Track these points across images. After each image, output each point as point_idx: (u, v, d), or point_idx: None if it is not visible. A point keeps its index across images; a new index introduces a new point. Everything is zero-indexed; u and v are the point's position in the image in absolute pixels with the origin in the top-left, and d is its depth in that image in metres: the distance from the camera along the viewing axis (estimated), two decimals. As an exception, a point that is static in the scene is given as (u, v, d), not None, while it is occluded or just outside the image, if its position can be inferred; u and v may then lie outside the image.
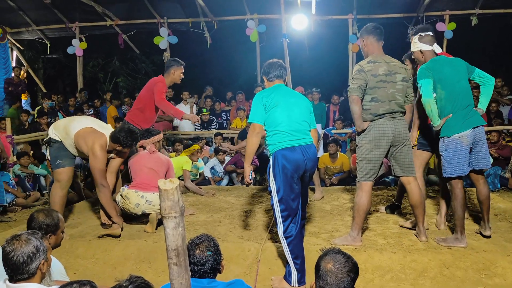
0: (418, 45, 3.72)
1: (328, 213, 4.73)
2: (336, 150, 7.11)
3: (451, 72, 3.56)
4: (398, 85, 3.61)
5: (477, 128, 3.53)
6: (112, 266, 3.64)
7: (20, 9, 9.90)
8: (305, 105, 3.44)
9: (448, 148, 3.55)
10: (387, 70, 3.58)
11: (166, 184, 1.62)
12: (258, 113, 3.30)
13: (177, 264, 1.64)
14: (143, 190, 4.26)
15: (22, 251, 2.06)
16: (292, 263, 3.20)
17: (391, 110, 3.58)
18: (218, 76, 14.30)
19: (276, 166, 3.22)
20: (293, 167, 3.19)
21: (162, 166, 4.52)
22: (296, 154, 3.21)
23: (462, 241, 3.56)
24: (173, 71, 5.06)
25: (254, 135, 3.30)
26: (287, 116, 3.27)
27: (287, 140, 3.24)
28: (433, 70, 3.54)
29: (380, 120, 3.59)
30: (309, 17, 9.25)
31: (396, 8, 9.24)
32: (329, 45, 11.64)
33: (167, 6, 9.76)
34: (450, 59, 3.70)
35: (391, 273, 3.33)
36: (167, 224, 1.61)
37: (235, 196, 5.69)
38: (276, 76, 3.48)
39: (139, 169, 4.43)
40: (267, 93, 3.36)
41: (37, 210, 2.80)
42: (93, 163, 4.05)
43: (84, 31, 10.54)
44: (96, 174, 4.07)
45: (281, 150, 3.23)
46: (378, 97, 3.56)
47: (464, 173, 3.54)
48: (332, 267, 1.91)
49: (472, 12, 8.98)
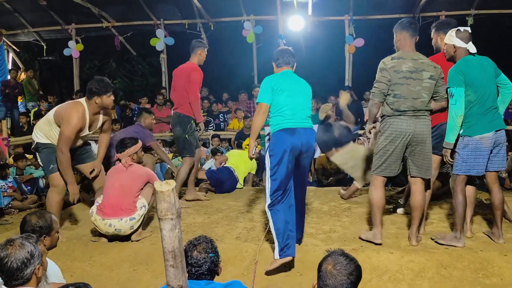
0: (453, 39, 3.57)
1: (325, 214, 4.73)
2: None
3: (481, 75, 3.50)
4: (424, 83, 3.54)
5: (499, 131, 3.51)
6: (109, 268, 3.63)
7: (16, 11, 9.89)
8: (309, 92, 3.66)
9: (467, 147, 3.50)
10: (413, 67, 3.52)
11: (162, 186, 1.62)
12: (266, 95, 3.49)
13: (174, 266, 1.63)
14: (110, 216, 3.93)
15: (16, 256, 2.02)
16: (275, 235, 3.35)
17: (413, 108, 3.53)
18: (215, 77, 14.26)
19: (274, 144, 3.42)
20: (290, 147, 3.37)
21: (138, 180, 4.14)
22: (295, 136, 3.40)
23: (460, 241, 3.55)
24: (199, 52, 5.17)
25: (260, 114, 3.51)
26: (291, 102, 3.46)
27: (287, 122, 3.43)
28: (464, 74, 3.45)
29: (400, 117, 3.54)
30: (305, 18, 9.27)
31: (392, 9, 9.26)
32: (326, 46, 11.64)
33: (164, 8, 9.77)
34: (481, 60, 3.58)
35: (389, 273, 3.33)
36: (163, 226, 1.60)
37: (232, 197, 5.69)
38: (284, 62, 3.67)
39: (110, 186, 4.10)
40: (276, 77, 3.57)
41: (30, 213, 2.78)
42: (63, 128, 3.90)
43: (81, 33, 10.53)
44: (61, 139, 3.90)
45: (281, 131, 3.42)
46: (401, 94, 3.51)
47: (478, 174, 3.54)
48: (332, 269, 1.90)
49: (467, 12, 9.02)
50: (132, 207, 4.01)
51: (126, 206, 3.98)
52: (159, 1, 9.52)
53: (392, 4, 9.08)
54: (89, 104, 4.05)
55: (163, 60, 10.54)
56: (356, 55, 9.58)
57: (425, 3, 8.64)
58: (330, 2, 9.05)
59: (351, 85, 9.49)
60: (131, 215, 3.97)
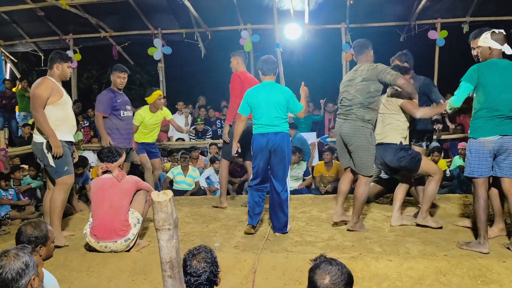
0: (488, 41, 3.54)
1: (324, 222, 4.72)
2: (331, 158, 7.12)
3: (500, 80, 3.46)
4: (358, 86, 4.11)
5: (506, 137, 3.46)
6: (107, 278, 3.61)
7: (13, 22, 9.92)
8: (281, 101, 4.28)
9: (471, 149, 3.58)
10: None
11: (160, 196, 1.62)
12: (244, 108, 4.43)
13: (172, 276, 1.63)
14: (104, 240, 3.85)
15: (10, 267, 2.00)
16: (248, 208, 4.42)
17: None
18: (212, 86, 14.30)
19: (252, 144, 4.40)
20: (260, 147, 4.29)
21: (126, 195, 3.97)
22: (264, 138, 4.27)
23: (484, 246, 3.52)
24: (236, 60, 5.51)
25: (239, 122, 4.52)
26: (262, 115, 4.29)
27: (260, 128, 4.32)
28: (481, 75, 3.48)
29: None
30: (302, 27, 9.33)
31: (388, 17, 9.35)
32: (322, 54, 11.70)
33: (161, 17, 9.82)
34: (507, 65, 3.52)
35: (388, 281, 3.32)
36: (161, 237, 1.60)
37: (231, 206, 5.67)
38: (269, 71, 4.40)
39: (99, 206, 3.92)
40: (253, 94, 4.37)
41: (24, 223, 2.76)
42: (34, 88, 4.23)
43: (78, 43, 10.57)
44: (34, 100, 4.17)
45: (257, 135, 4.34)
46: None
47: (481, 176, 3.55)
48: (329, 283, 1.83)
49: (463, 20, 9.10)
50: (125, 227, 3.87)
51: (118, 227, 3.85)
52: (157, 11, 9.57)
53: (388, 12, 9.16)
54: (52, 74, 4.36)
55: (160, 69, 10.57)
56: (353, 63, 9.62)
57: (421, 11, 8.70)
58: (326, 11, 9.11)
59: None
60: (126, 236, 3.86)
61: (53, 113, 4.24)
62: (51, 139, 4.16)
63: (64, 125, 4.34)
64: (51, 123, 4.20)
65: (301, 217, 4.94)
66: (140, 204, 4.07)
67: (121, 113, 5.36)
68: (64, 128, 4.33)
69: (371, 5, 8.90)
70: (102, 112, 5.29)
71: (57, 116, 4.26)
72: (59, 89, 4.32)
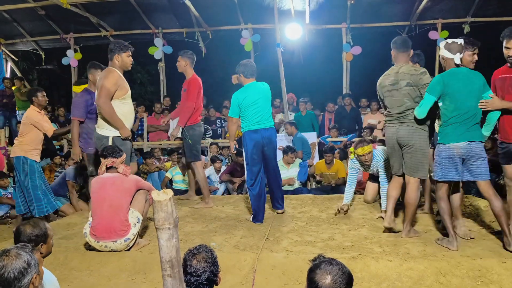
0: (442, 50, 3.79)
1: (324, 222, 4.72)
2: (332, 158, 7.12)
3: (464, 88, 3.61)
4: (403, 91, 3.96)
5: (474, 143, 3.60)
6: (107, 277, 3.61)
7: (14, 21, 9.92)
8: (268, 98, 4.80)
9: (441, 154, 3.72)
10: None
11: (160, 195, 1.62)
12: (235, 110, 4.77)
13: (172, 275, 1.63)
14: (103, 239, 3.84)
15: (13, 266, 2.00)
16: (252, 206, 4.74)
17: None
18: (212, 86, 14.33)
19: (244, 142, 4.73)
20: (254, 142, 4.67)
21: (126, 194, 3.96)
22: (257, 134, 4.67)
23: (452, 244, 3.66)
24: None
25: (232, 124, 4.95)
26: (255, 113, 4.68)
27: (252, 125, 4.69)
28: (446, 85, 3.64)
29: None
30: (303, 27, 9.33)
31: (389, 17, 9.35)
32: (323, 54, 11.71)
33: (162, 17, 9.82)
34: (469, 74, 3.68)
35: (388, 281, 3.32)
36: (161, 236, 1.60)
37: (231, 205, 5.68)
38: (250, 74, 4.77)
39: (99, 206, 3.90)
40: (242, 95, 4.70)
41: (22, 223, 2.75)
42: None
43: (79, 42, 10.58)
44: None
45: (247, 132, 4.70)
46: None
47: (452, 180, 3.71)
48: (330, 283, 1.82)
49: (464, 20, 9.10)
50: (125, 226, 3.87)
51: (118, 227, 3.84)
52: (158, 10, 9.57)
53: (389, 12, 9.16)
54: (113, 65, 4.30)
55: (161, 69, 10.58)
56: (354, 63, 9.63)
57: (422, 11, 8.70)
58: (327, 11, 9.11)
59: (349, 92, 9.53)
60: (125, 235, 3.86)
61: (119, 108, 4.18)
62: (121, 131, 4.11)
63: (129, 121, 4.29)
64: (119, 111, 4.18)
65: (301, 217, 4.94)
66: (140, 203, 4.06)
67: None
68: (128, 124, 4.28)
69: (372, 5, 8.90)
70: (78, 117, 5.06)
71: (123, 111, 4.21)
72: (125, 83, 4.23)
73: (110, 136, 4.21)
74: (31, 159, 5.22)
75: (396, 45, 4.07)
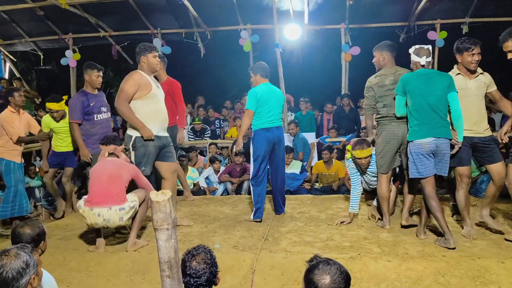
0: (411, 56, 4.02)
1: (323, 222, 4.72)
2: (330, 157, 7.12)
3: (423, 86, 3.81)
4: None
5: (440, 139, 3.76)
6: (106, 278, 3.61)
7: (13, 21, 9.90)
8: (281, 101, 4.97)
9: (411, 152, 3.86)
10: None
11: (158, 196, 1.62)
12: (253, 103, 4.78)
13: (170, 276, 1.63)
14: (98, 205, 3.84)
15: (11, 266, 1.99)
16: (254, 202, 4.84)
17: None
18: (211, 86, 14.31)
19: (256, 139, 4.81)
20: (266, 140, 4.78)
21: (127, 170, 4.04)
22: (269, 132, 4.80)
23: (448, 242, 3.68)
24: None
25: (248, 117, 4.85)
26: (268, 111, 4.81)
27: (265, 123, 4.80)
28: (405, 84, 3.90)
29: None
30: (302, 27, 9.32)
31: (388, 18, 9.35)
32: (322, 55, 11.70)
33: (161, 17, 9.80)
34: (430, 73, 3.89)
35: (387, 281, 3.33)
36: (159, 236, 1.60)
37: (230, 206, 5.68)
38: (265, 75, 4.93)
39: (98, 177, 3.99)
40: (260, 91, 4.80)
41: (18, 225, 2.73)
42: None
43: (78, 42, 10.55)
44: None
45: (260, 130, 4.80)
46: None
47: (428, 175, 3.80)
48: (330, 283, 1.81)
49: (462, 21, 9.11)
50: (121, 195, 3.88)
51: (114, 193, 3.86)
52: (156, 11, 9.55)
53: (387, 12, 9.16)
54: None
55: (160, 69, 10.55)
56: (352, 63, 9.63)
57: (420, 12, 8.71)
58: (326, 11, 9.10)
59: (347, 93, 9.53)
60: (121, 204, 3.84)
61: (142, 107, 4.19)
62: (141, 131, 4.14)
63: (154, 120, 4.27)
64: (141, 119, 4.18)
65: (299, 217, 4.94)
66: (141, 193, 4.08)
67: (95, 117, 5.08)
68: (153, 123, 4.26)
69: (370, 6, 8.90)
70: (76, 119, 5.01)
71: (146, 111, 4.21)
72: (148, 83, 4.23)
73: (133, 136, 4.26)
74: (7, 159, 5.22)
75: (391, 48, 4.40)
